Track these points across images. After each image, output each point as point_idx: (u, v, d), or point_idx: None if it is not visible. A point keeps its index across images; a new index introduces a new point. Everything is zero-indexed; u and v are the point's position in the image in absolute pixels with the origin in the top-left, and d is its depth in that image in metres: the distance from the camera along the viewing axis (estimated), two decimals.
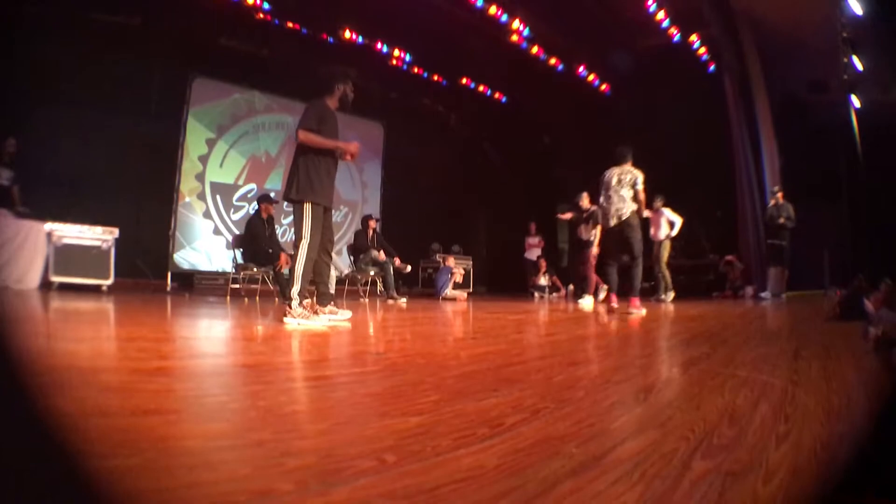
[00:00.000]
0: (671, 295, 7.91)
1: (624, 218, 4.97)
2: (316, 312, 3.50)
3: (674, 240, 8.29)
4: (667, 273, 8.07)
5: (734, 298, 8.82)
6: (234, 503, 0.71)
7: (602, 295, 4.96)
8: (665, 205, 8.15)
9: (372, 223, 7.49)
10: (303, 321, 3.32)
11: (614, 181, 5.06)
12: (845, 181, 9.91)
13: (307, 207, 3.42)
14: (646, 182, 5.08)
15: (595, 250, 7.41)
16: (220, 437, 1.03)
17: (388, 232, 8.82)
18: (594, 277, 7.49)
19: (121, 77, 7.51)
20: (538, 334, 3.42)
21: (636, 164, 5.22)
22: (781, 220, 8.21)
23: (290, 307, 3.36)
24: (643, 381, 1.85)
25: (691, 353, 2.62)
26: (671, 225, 8.11)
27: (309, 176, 3.41)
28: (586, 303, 6.50)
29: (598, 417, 1.23)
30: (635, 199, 5.03)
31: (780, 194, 8.48)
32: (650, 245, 7.69)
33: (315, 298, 3.74)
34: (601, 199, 5.18)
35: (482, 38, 9.05)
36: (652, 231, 8.08)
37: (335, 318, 3.60)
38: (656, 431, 1.09)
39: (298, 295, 3.37)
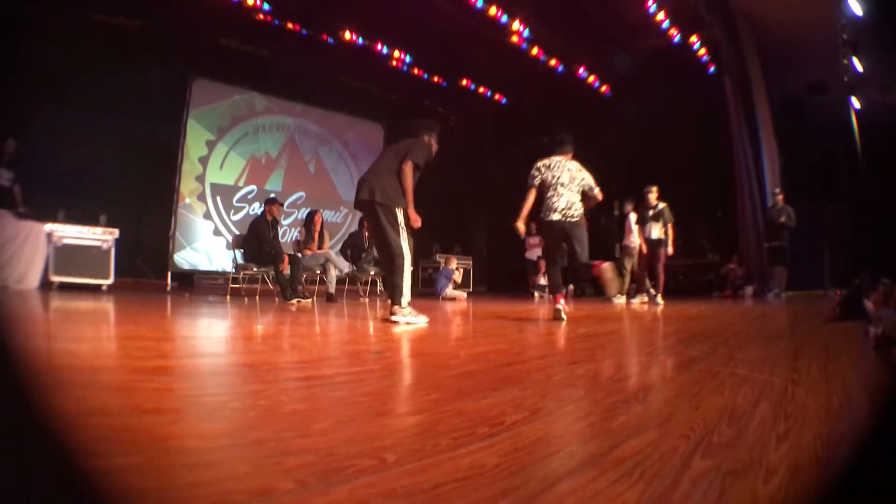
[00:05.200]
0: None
1: (574, 219, 4.45)
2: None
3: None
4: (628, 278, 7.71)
5: (734, 298, 8.83)
6: (234, 502, 0.71)
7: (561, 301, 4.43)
8: (635, 209, 7.69)
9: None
10: (411, 319, 3.50)
11: (566, 178, 4.54)
12: (845, 181, 9.92)
13: (400, 214, 3.62)
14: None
15: (670, 250, 7.29)
16: (220, 436, 1.03)
17: None
18: (663, 277, 7.37)
19: (121, 78, 7.53)
20: (538, 334, 3.41)
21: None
22: (782, 220, 8.33)
23: (400, 305, 3.53)
24: (643, 379, 1.85)
25: (691, 352, 2.62)
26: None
27: (403, 186, 3.65)
28: (657, 301, 6.93)
29: (598, 416, 1.23)
30: (590, 201, 4.59)
31: (780, 196, 8.56)
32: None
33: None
34: (548, 193, 4.61)
35: (482, 40, 9.05)
36: (627, 237, 7.83)
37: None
38: (656, 430, 1.09)
39: (402, 299, 3.54)
